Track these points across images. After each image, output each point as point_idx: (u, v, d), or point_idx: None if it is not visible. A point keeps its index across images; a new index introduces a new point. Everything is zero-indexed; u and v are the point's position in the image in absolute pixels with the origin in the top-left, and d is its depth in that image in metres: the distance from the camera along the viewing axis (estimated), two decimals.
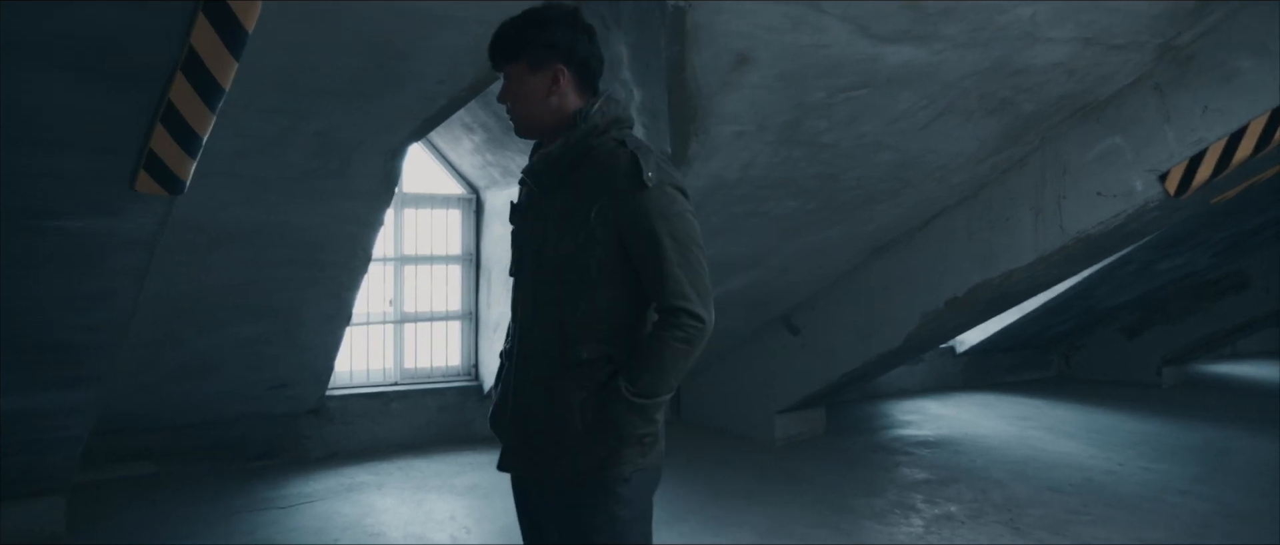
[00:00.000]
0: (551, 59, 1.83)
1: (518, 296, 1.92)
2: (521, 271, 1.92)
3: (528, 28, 1.84)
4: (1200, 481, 5.26)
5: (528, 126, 1.90)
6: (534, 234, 1.87)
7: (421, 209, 6.35)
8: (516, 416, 1.87)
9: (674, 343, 1.72)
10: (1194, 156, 4.16)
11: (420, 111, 3.33)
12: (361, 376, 6.13)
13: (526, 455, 1.86)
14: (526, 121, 1.89)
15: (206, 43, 1.76)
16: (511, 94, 1.87)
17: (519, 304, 1.92)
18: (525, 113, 1.88)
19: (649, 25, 3.23)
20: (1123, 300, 8.11)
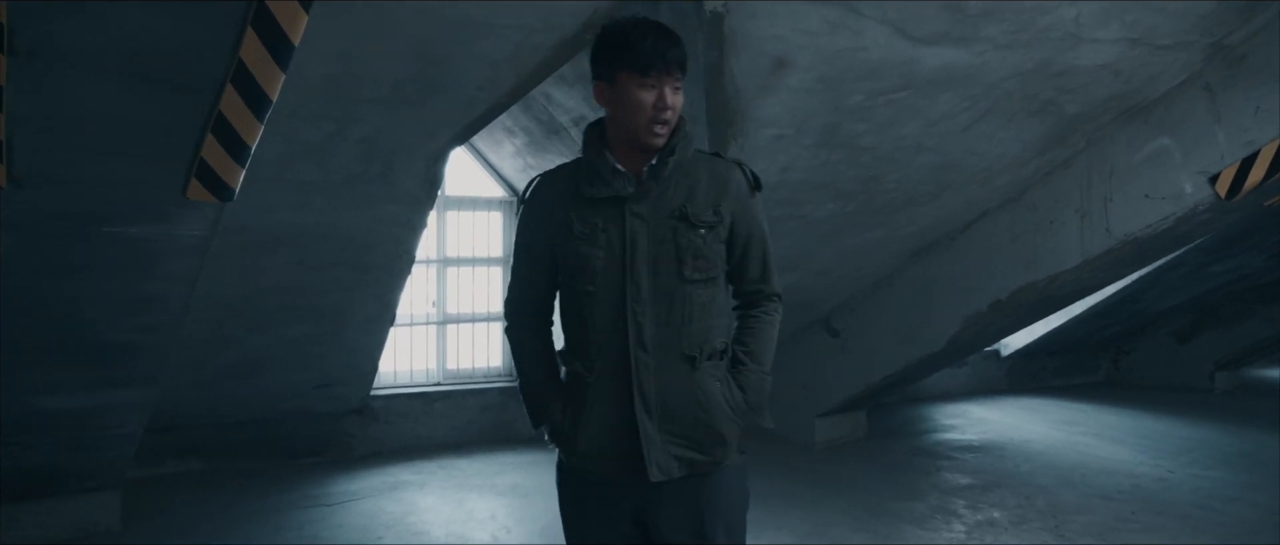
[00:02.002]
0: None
1: (607, 304, 1.88)
2: (620, 278, 1.87)
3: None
4: (1252, 489, 5.12)
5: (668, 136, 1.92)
6: (639, 237, 1.86)
7: (463, 211, 6.44)
8: (663, 420, 1.87)
9: (776, 322, 2.02)
10: (1246, 158, 4.06)
11: (461, 117, 3.39)
12: (405, 377, 6.23)
13: (683, 457, 1.89)
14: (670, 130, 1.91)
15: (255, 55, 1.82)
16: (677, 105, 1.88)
17: (614, 312, 1.88)
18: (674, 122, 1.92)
19: (686, 29, 3.24)
20: (1174, 303, 7.93)
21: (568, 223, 1.89)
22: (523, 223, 1.97)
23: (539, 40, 3.02)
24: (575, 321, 1.93)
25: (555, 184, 1.96)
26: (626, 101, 1.83)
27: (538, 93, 4.71)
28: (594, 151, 1.92)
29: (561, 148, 5.20)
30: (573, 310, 1.93)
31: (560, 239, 1.90)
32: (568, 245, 1.89)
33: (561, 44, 3.06)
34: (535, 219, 1.95)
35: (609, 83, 1.87)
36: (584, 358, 1.91)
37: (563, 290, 1.96)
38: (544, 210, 1.93)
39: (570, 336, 1.95)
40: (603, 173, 1.88)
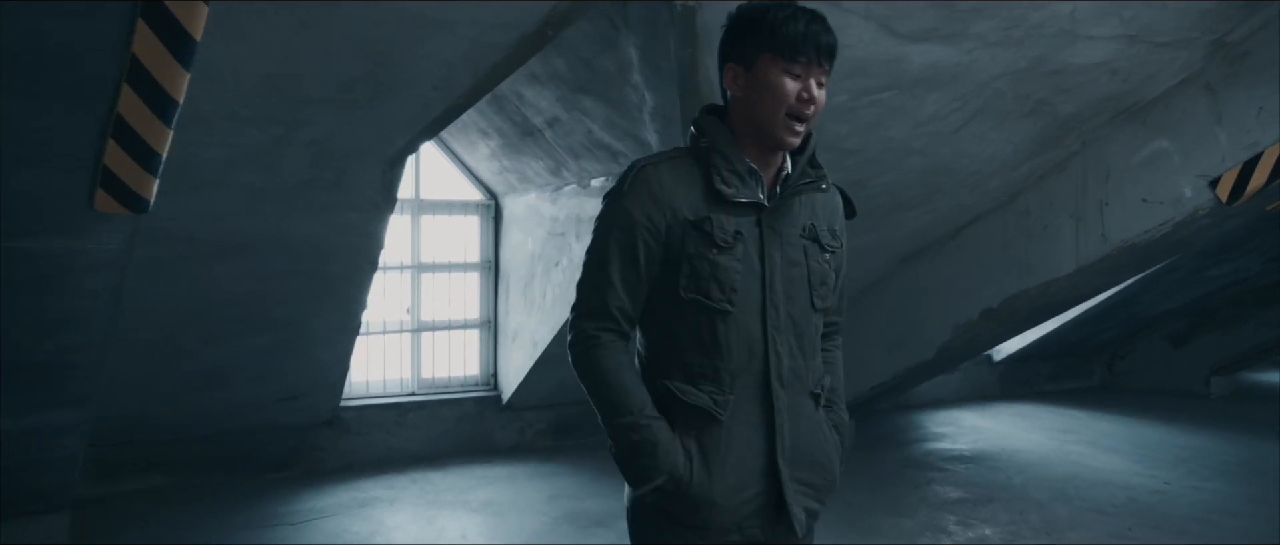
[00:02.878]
0: None
1: (743, 328, 1.62)
2: (759, 298, 1.63)
3: None
4: (1254, 502, 4.94)
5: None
6: (775, 253, 1.64)
7: (438, 215, 6.23)
8: (794, 466, 1.65)
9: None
10: (1249, 160, 3.88)
11: (417, 119, 3.19)
12: (378, 387, 6.02)
13: (810, 509, 1.69)
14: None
15: (151, 53, 1.62)
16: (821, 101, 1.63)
17: (756, 337, 1.63)
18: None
19: (658, 26, 3.05)
20: (1169, 307, 7.76)
21: (704, 224, 1.60)
22: (625, 214, 1.59)
23: (496, 37, 2.82)
24: (699, 343, 1.62)
25: (677, 174, 1.62)
26: (766, 89, 1.57)
27: (509, 92, 4.51)
28: (727, 143, 1.62)
29: (536, 150, 5.00)
30: (696, 329, 1.62)
31: (692, 242, 1.59)
32: (702, 250, 1.60)
33: (522, 41, 2.86)
34: (649, 213, 1.59)
35: (745, 66, 1.60)
36: (715, 388, 1.62)
37: (674, 304, 1.63)
38: (664, 203, 1.60)
39: (689, 361, 1.63)
40: (739, 170, 1.62)
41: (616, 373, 1.61)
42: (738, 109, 1.64)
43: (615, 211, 1.61)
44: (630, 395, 1.60)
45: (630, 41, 3.28)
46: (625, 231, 1.60)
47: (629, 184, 1.61)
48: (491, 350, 6.35)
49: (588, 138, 4.33)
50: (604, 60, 3.52)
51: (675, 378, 1.64)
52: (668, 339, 1.65)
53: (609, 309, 1.62)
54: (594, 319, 1.63)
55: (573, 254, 4.98)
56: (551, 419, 6.31)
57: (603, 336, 1.62)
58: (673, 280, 1.62)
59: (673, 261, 1.61)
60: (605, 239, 1.62)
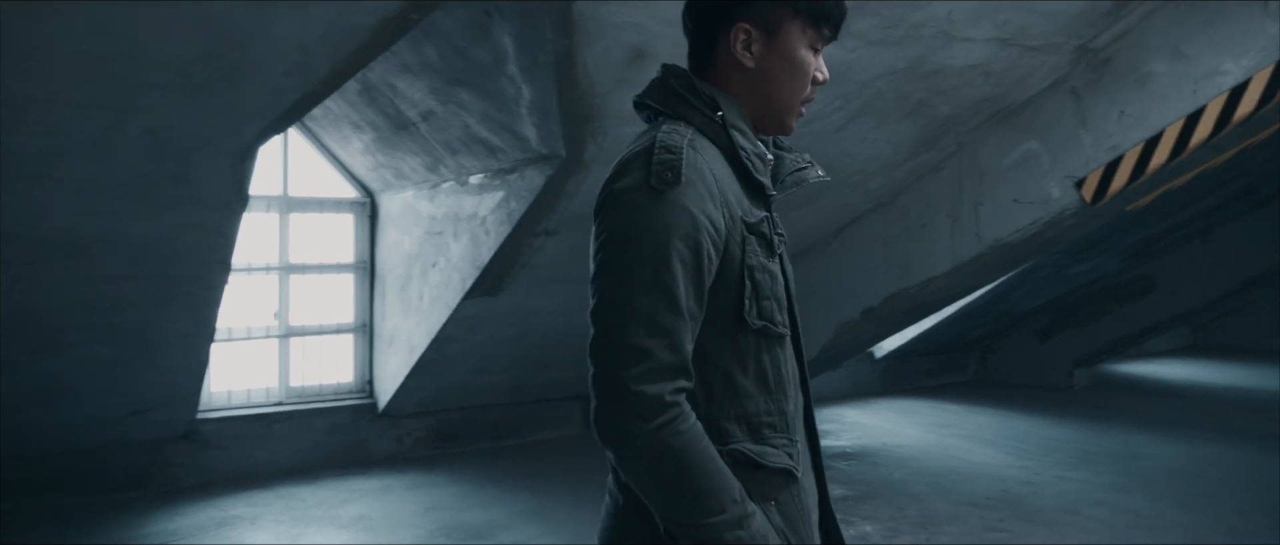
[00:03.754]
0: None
1: (791, 354, 1.34)
2: (791, 315, 1.35)
3: None
4: (1115, 491, 5.17)
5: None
6: (786, 262, 1.37)
7: (309, 214, 5.87)
8: (824, 515, 1.42)
9: None
10: (1110, 163, 4.03)
11: (269, 108, 2.93)
12: (242, 397, 5.62)
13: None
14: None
15: None
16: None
17: (793, 363, 1.35)
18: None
19: (532, 16, 2.89)
20: (1036, 304, 8.11)
21: (763, 225, 1.27)
22: (686, 217, 1.16)
23: (354, 20, 2.60)
24: (763, 384, 1.28)
25: (714, 160, 1.24)
26: (792, 64, 1.28)
27: (381, 83, 4.25)
28: (742, 118, 1.30)
29: (412, 145, 4.75)
30: (760, 365, 1.27)
31: (753, 250, 1.24)
32: (764, 261, 1.26)
33: (383, 25, 2.65)
34: (711, 214, 1.19)
35: (768, 31, 1.28)
36: (786, 439, 1.30)
37: (729, 335, 1.25)
38: (723, 202, 1.22)
39: (752, 409, 1.27)
40: (762, 153, 1.32)
41: (707, 453, 1.17)
42: (743, 82, 1.30)
43: (669, 212, 1.15)
44: (725, 477, 1.18)
45: (505, 31, 3.11)
46: (689, 241, 1.16)
47: (685, 173, 1.17)
48: (367, 356, 6.04)
49: (465, 132, 4.12)
50: (479, 50, 3.34)
51: (738, 438, 1.25)
52: (722, 388, 1.26)
53: (685, 359, 1.17)
54: (666, 378, 1.15)
55: (450, 254, 4.76)
56: (431, 426, 6.05)
57: (683, 404, 1.16)
58: (730, 305, 1.24)
59: (728, 279, 1.23)
60: (663, 251, 1.15)
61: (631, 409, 1.14)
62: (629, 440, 1.15)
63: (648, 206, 1.15)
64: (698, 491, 1.16)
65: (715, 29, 1.31)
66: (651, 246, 1.15)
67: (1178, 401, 8.04)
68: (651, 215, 1.15)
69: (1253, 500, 4.93)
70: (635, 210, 1.16)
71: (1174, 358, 10.94)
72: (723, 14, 1.29)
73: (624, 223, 1.17)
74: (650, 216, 1.15)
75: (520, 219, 3.98)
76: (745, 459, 1.24)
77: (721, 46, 1.30)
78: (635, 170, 1.20)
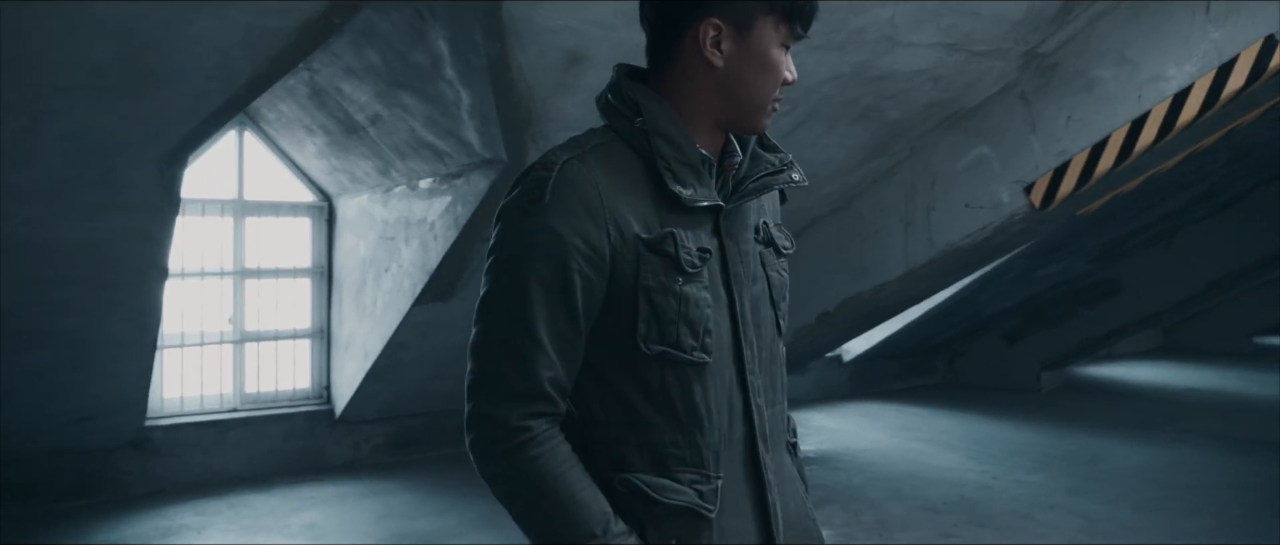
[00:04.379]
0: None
1: (721, 382, 1.22)
2: (733, 337, 1.23)
3: None
4: (1071, 494, 5.18)
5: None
6: (739, 276, 1.23)
7: (265, 217, 5.80)
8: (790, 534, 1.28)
9: None
10: (1058, 168, 4.03)
11: (193, 112, 2.88)
12: (195, 403, 5.54)
13: None
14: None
15: None
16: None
17: (735, 392, 1.23)
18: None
19: (463, 19, 2.85)
20: (1004, 307, 8.13)
21: (665, 242, 1.16)
22: (549, 236, 1.11)
23: (275, 23, 2.55)
24: (670, 414, 1.17)
25: (613, 171, 1.16)
26: (764, 63, 1.19)
27: (330, 87, 4.20)
28: (671, 123, 1.19)
29: (363, 149, 4.70)
30: (665, 394, 1.17)
31: (650, 270, 1.15)
32: (665, 281, 1.16)
33: (305, 28, 2.61)
34: (585, 231, 1.12)
35: (739, 27, 1.18)
36: (698, 476, 1.18)
37: (626, 361, 1.17)
38: (604, 216, 1.13)
39: (657, 440, 1.18)
40: (692, 161, 1.19)
41: (563, 479, 1.12)
42: (707, 80, 1.20)
43: (530, 233, 1.11)
44: (588, 508, 1.12)
45: (439, 34, 3.07)
46: (552, 263, 1.11)
47: (551, 189, 1.11)
48: (324, 361, 5.97)
49: (412, 136, 4.08)
50: (417, 53, 3.30)
51: (637, 467, 1.17)
52: (620, 413, 1.18)
53: (539, 384, 1.12)
54: (515, 402, 1.12)
55: (402, 260, 4.71)
56: (390, 432, 5.99)
57: (534, 428, 1.12)
58: (623, 327, 1.16)
59: (620, 300, 1.15)
60: (519, 277, 1.12)
61: (481, 431, 1.13)
62: (482, 462, 1.14)
63: (515, 226, 1.13)
64: (555, 518, 1.12)
65: (680, 24, 1.20)
66: (513, 268, 1.12)
67: (1142, 404, 8.07)
68: (517, 236, 1.12)
69: (1204, 503, 4.95)
70: (505, 230, 1.14)
71: (1143, 360, 10.99)
72: (689, 8, 1.19)
73: (495, 243, 1.16)
74: (515, 237, 1.13)
75: (466, 224, 3.94)
76: (639, 491, 1.15)
77: (687, 43, 1.19)
78: (516, 187, 1.16)
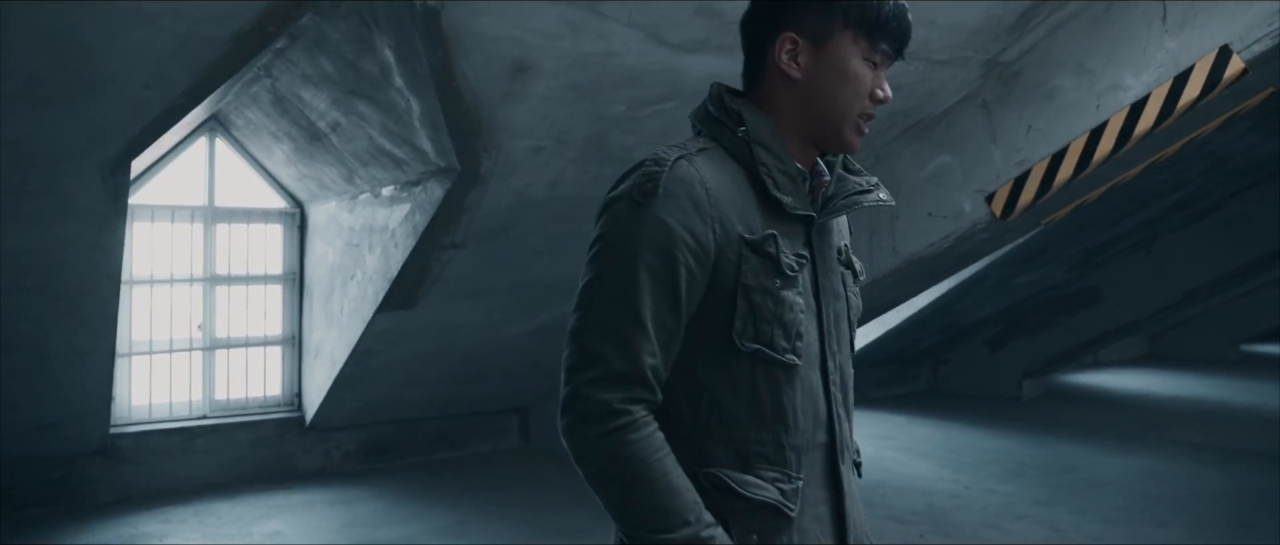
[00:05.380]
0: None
1: (809, 387, 1.24)
2: (819, 346, 1.27)
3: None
4: (1041, 504, 5.15)
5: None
6: (826, 289, 1.28)
7: (236, 224, 5.79)
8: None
9: None
10: (1019, 177, 4.01)
11: (132, 120, 2.86)
12: (164, 410, 5.52)
13: None
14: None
15: None
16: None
17: (820, 399, 1.26)
18: None
19: (404, 27, 2.84)
20: (984, 314, 8.12)
21: (767, 244, 1.20)
22: (660, 228, 1.15)
23: (209, 32, 2.54)
24: (757, 412, 1.20)
25: (720, 173, 1.21)
26: (844, 76, 1.23)
27: (290, 94, 4.19)
28: (772, 135, 1.25)
29: (328, 156, 4.68)
30: (753, 391, 1.20)
31: (751, 269, 1.19)
32: (765, 282, 1.20)
33: (240, 38, 2.59)
34: (693, 226, 1.17)
35: (815, 42, 1.23)
36: (780, 474, 1.21)
37: (719, 357, 1.21)
38: (711, 214, 1.18)
39: (742, 437, 1.21)
40: (790, 171, 1.24)
41: (659, 465, 1.14)
42: (790, 94, 1.26)
43: (642, 223, 1.15)
44: (681, 496, 1.14)
45: (385, 43, 3.06)
46: (661, 253, 1.15)
47: (663, 184, 1.16)
48: (296, 368, 5.95)
49: (371, 144, 4.07)
50: (366, 62, 3.29)
51: (722, 462, 1.20)
52: (708, 408, 1.21)
53: (642, 370, 1.15)
54: (618, 386, 1.14)
55: (366, 266, 4.69)
56: (361, 440, 5.97)
57: (635, 413, 1.14)
58: (719, 323, 1.19)
59: (719, 297, 1.19)
60: (628, 265, 1.15)
61: (580, 412, 1.14)
62: (577, 443, 1.16)
63: (625, 217, 1.16)
64: (648, 504, 1.13)
65: (762, 40, 1.27)
66: (621, 256, 1.15)
67: (1123, 412, 8.04)
68: (627, 226, 1.16)
69: (1174, 514, 4.92)
70: (613, 220, 1.18)
71: (1128, 368, 10.97)
72: (769, 24, 1.26)
73: (603, 232, 1.19)
74: (625, 227, 1.16)
75: (424, 232, 3.93)
76: (723, 485, 1.18)
77: (769, 58, 1.26)
78: (625, 181, 1.21)
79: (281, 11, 2.54)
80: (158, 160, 5.26)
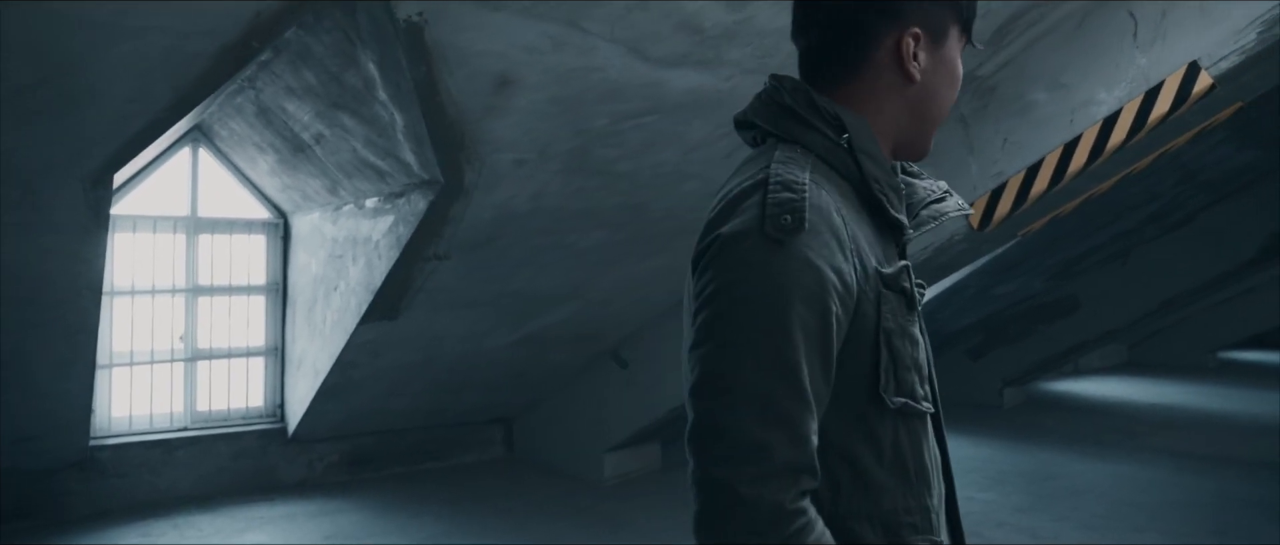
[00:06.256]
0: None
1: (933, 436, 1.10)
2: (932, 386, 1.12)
3: None
4: (1020, 512, 5.21)
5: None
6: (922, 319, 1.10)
7: (219, 235, 5.78)
8: None
9: None
10: (995, 189, 4.07)
11: (114, 134, 2.87)
12: (144, 422, 5.49)
13: None
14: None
15: None
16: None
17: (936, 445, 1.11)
18: None
19: (387, 41, 2.87)
20: (965, 323, 8.19)
21: (902, 277, 1.02)
22: (810, 272, 0.93)
23: (194, 47, 2.56)
24: (901, 471, 1.03)
25: (839, 195, 1.01)
26: (952, 74, 1.08)
27: (275, 106, 4.20)
28: (872, 141, 1.05)
29: (311, 168, 4.69)
30: (897, 449, 1.02)
31: (891, 309, 1.00)
32: (903, 323, 1.01)
33: (224, 52, 2.61)
34: (839, 267, 0.95)
35: (935, 39, 1.07)
36: (926, 541, 1.04)
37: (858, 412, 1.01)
38: (853, 251, 0.98)
39: (886, 500, 1.02)
40: (895, 184, 1.07)
41: None
42: (900, 96, 1.07)
43: (790, 267, 0.92)
44: None
45: (368, 57, 3.08)
46: (814, 304, 0.92)
47: (808, 216, 0.94)
48: (278, 379, 5.94)
49: (354, 156, 4.08)
50: (350, 76, 3.31)
51: (871, 539, 1.01)
52: (850, 480, 1.01)
53: (811, 455, 0.92)
54: (791, 481, 0.90)
55: (349, 278, 4.70)
56: (345, 451, 5.95)
57: (809, 512, 0.92)
58: (859, 377, 0.99)
59: (859, 346, 0.99)
60: (780, 320, 0.91)
61: (743, 521, 0.89)
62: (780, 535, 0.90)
63: (763, 259, 0.92)
64: None
65: (872, 34, 1.05)
66: (768, 312, 0.91)
67: (1103, 420, 8.13)
68: (768, 271, 0.92)
69: (1150, 520, 4.99)
70: (747, 264, 0.93)
71: (1108, 375, 11.08)
72: (888, 15, 1.05)
73: (733, 279, 0.93)
74: (767, 273, 0.92)
75: (407, 243, 3.94)
76: None
77: (881, 55, 1.05)
78: (746, 211, 0.95)
79: (266, 26, 2.56)
80: (141, 170, 5.25)
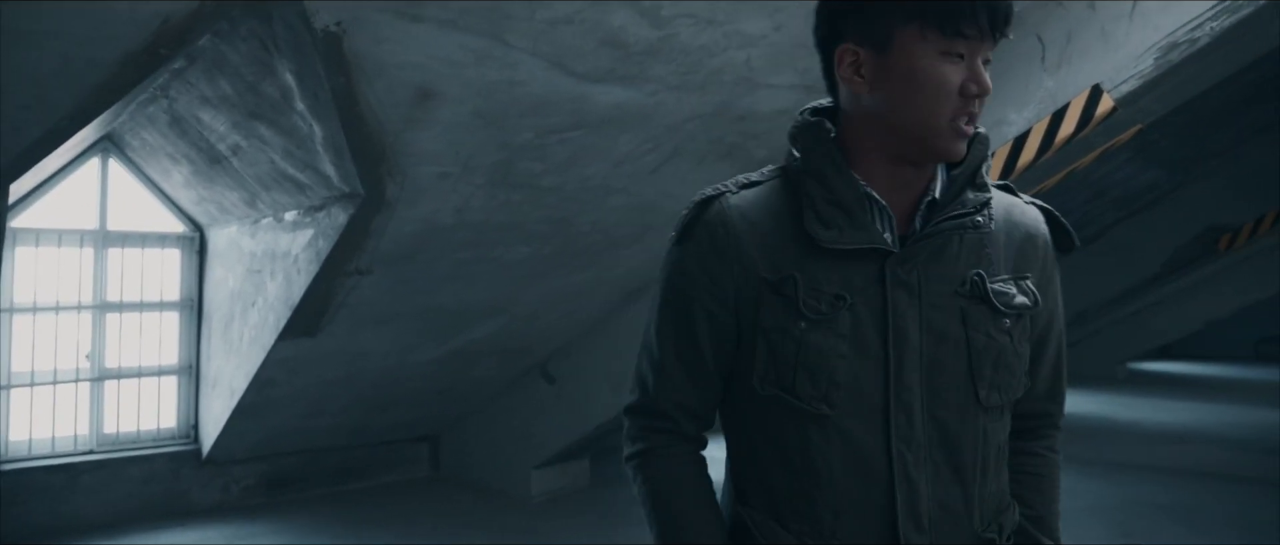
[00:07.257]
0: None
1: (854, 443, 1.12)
2: (881, 396, 1.12)
3: None
4: None
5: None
6: (908, 324, 1.10)
7: (129, 249, 5.56)
8: None
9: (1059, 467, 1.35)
10: None
11: (9, 144, 2.74)
12: (46, 445, 5.24)
13: None
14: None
15: None
16: (988, 89, 1.09)
17: (876, 456, 1.12)
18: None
19: (305, 51, 2.81)
20: None
21: (785, 286, 1.10)
22: (681, 271, 1.17)
23: (95, 54, 2.46)
24: (784, 460, 1.13)
25: (762, 209, 1.14)
26: (916, 81, 1.05)
27: (189, 116, 4.07)
28: (827, 160, 1.11)
29: (228, 179, 4.56)
30: (780, 439, 1.13)
31: (770, 311, 1.11)
32: (784, 323, 1.11)
33: (127, 60, 2.52)
34: (710, 269, 1.14)
35: (876, 49, 1.07)
36: (809, 528, 1.12)
37: (751, 403, 1.16)
38: (732, 254, 1.13)
39: (773, 483, 1.15)
40: (845, 201, 1.10)
41: (667, 491, 1.17)
42: (861, 111, 1.11)
43: (670, 265, 1.20)
44: (684, 522, 1.16)
45: (285, 67, 3.01)
46: (679, 295, 1.17)
47: (689, 226, 1.17)
48: (192, 399, 5.73)
49: (272, 168, 3.98)
50: (267, 85, 3.23)
51: (754, 504, 1.16)
52: (743, 448, 1.19)
53: (659, 401, 1.20)
54: (641, 415, 1.23)
55: (267, 293, 4.57)
56: (263, 472, 5.77)
57: (652, 441, 1.21)
58: (745, 366, 1.15)
59: (745, 339, 1.15)
60: (660, 305, 1.21)
61: (624, 439, 1.27)
62: (629, 472, 1.26)
63: (667, 258, 1.22)
64: (663, 526, 1.18)
65: (827, 52, 1.14)
66: (659, 296, 1.22)
67: None
68: (664, 266, 1.22)
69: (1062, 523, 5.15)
70: (664, 260, 1.24)
71: None
72: (831, 33, 1.11)
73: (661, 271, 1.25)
74: (664, 267, 1.22)
75: (327, 257, 3.85)
76: (744, 527, 1.17)
77: (841, 71, 1.11)
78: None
79: (174, 33, 2.47)
80: (45, 181, 5.03)
